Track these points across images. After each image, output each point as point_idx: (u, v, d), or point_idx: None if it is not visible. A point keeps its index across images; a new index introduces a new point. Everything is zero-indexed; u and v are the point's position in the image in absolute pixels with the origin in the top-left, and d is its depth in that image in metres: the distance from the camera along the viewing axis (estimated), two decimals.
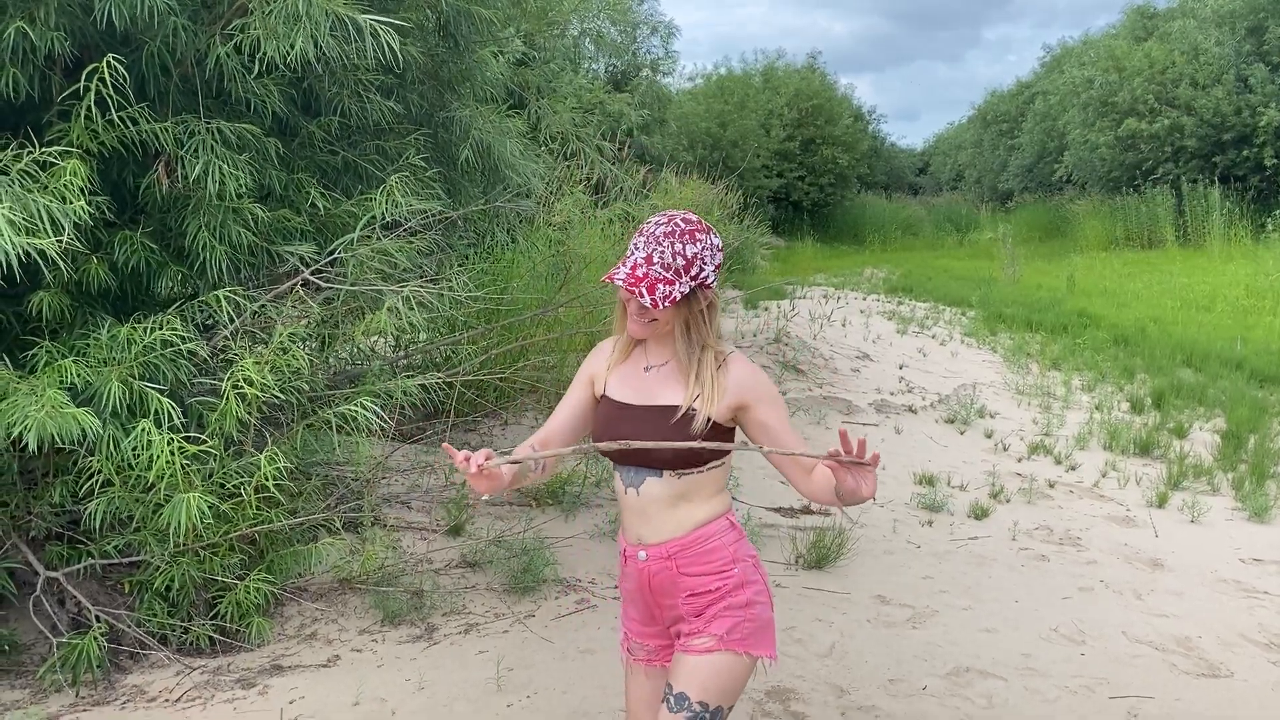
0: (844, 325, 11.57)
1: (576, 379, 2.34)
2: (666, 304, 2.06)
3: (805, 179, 28.16)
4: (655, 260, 2.08)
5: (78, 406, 3.33)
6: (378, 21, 3.69)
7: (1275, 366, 9.75)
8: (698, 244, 2.11)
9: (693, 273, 2.10)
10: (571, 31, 15.91)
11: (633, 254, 2.11)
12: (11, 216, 2.95)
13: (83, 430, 3.30)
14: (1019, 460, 6.85)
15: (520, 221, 5.90)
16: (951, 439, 7.30)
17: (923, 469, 6.35)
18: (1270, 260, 16.52)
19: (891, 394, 8.45)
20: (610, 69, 17.79)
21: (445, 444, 2.10)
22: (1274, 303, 13.63)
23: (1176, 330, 12.14)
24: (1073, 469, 6.66)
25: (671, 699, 2.12)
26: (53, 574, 4.04)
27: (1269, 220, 19.03)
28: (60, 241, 3.15)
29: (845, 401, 7.87)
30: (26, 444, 3.62)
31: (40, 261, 3.15)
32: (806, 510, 5.46)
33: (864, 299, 14.77)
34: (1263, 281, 15.05)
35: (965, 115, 42.03)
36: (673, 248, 2.09)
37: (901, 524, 5.40)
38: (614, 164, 7.22)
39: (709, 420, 2.10)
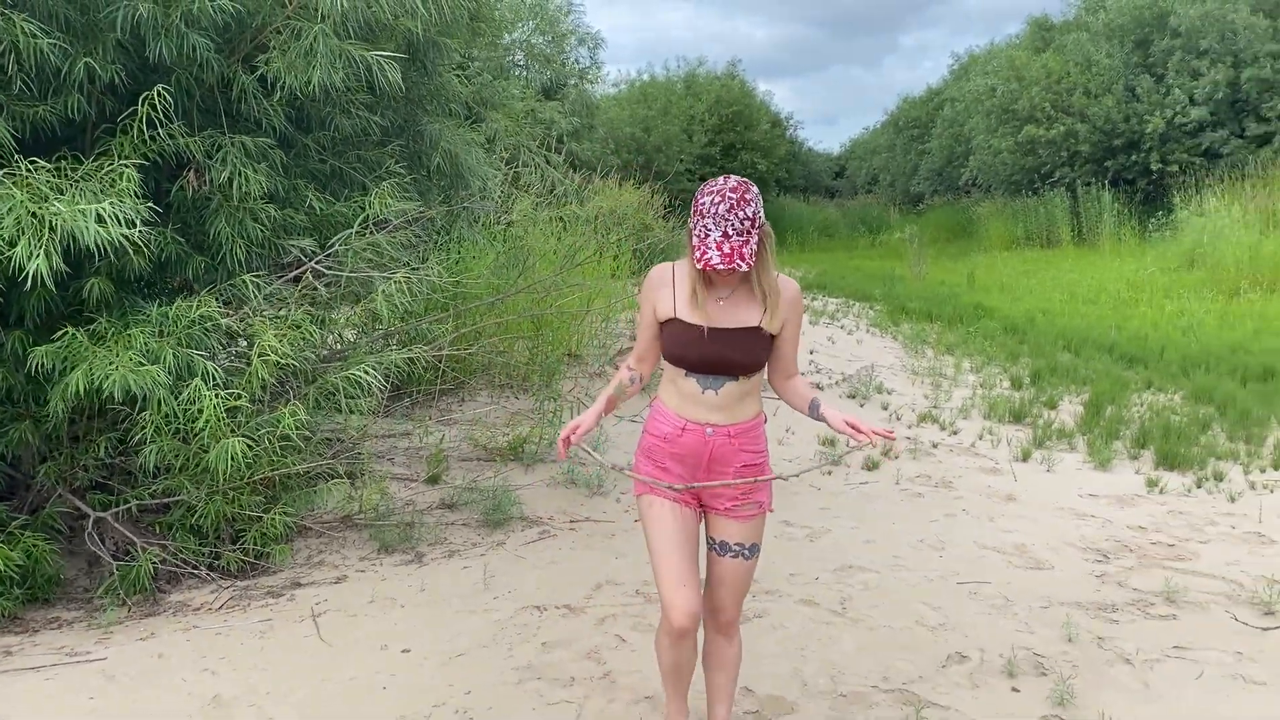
0: None
1: (643, 309, 2.89)
2: (753, 261, 2.62)
3: None
4: (731, 233, 2.56)
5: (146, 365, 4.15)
6: (382, 57, 4.56)
7: (1141, 349, 10.99)
8: (750, 203, 2.60)
9: (759, 220, 2.62)
10: (502, 43, 16.76)
11: (708, 236, 2.59)
12: (115, 212, 3.76)
13: (152, 384, 4.11)
14: (909, 427, 7.92)
15: (475, 221, 6.78)
16: (853, 411, 8.35)
17: (825, 433, 7.38)
18: (1150, 257, 18.03)
19: (802, 374, 9.49)
20: (540, 77, 18.64)
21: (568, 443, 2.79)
22: (1150, 295, 15.00)
23: (1062, 320, 13.40)
24: (954, 434, 7.75)
25: (746, 550, 2.87)
26: (101, 514, 4.84)
27: (1153, 221, 20.58)
28: (135, 233, 3.97)
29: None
30: (83, 402, 4.45)
31: (127, 247, 3.96)
32: None
33: None
34: (1142, 276, 16.48)
35: (880, 120, 43.67)
36: (740, 216, 2.58)
37: (806, 474, 6.41)
38: (557, 170, 8.13)
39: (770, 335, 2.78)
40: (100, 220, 3.77)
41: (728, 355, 2.72)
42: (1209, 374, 9.59)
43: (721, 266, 2.57)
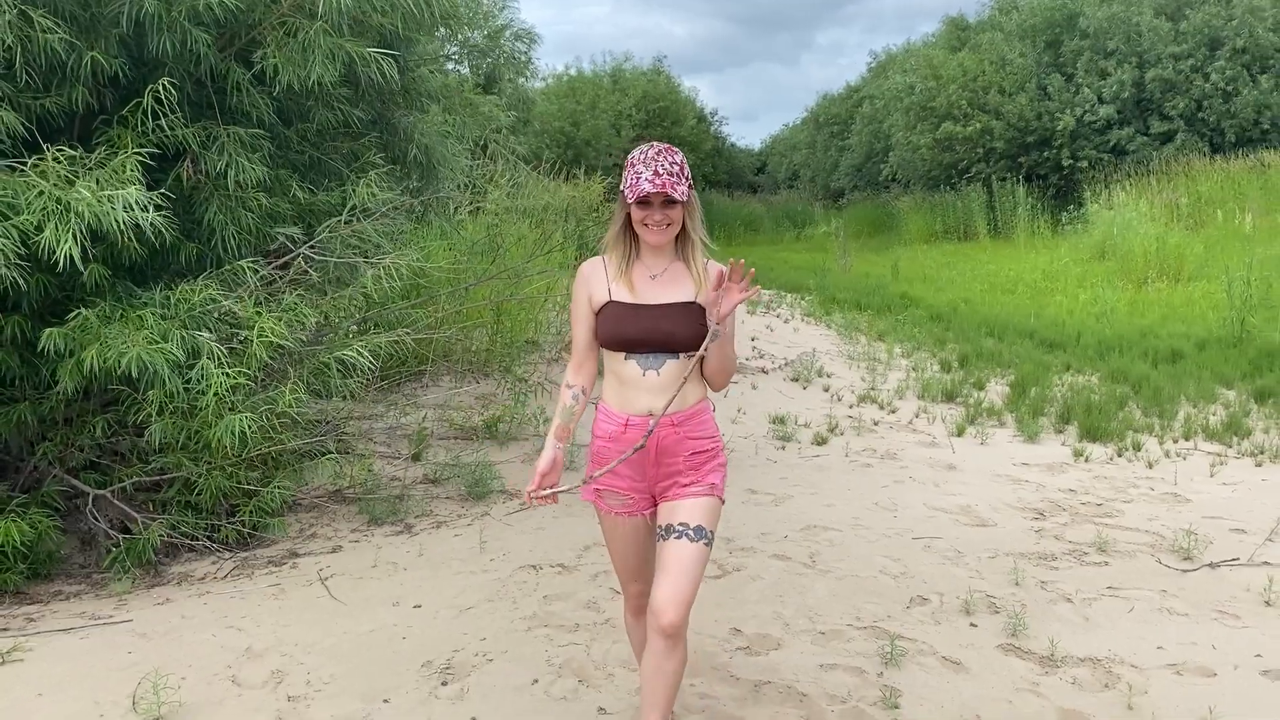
0: None
1: (577, 306, 2.81)
2: (689, 194, 2.67)
3: None
4: (662, 171, 2.60)
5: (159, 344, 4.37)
6: (379, 53, 4.82)
7: (1058, 335, 11.65)
8: (678, 155, 2.67)
9: (686, 174, 2.67)
10: (438, 34, 16.87)
11: (641, 175, 2.62)
12: (143, 200, 3.99)
13: (164, 362, 4.33)
14: (850, 407, 8.38)
15: (446, 210, 7.03)
16: (796, 392, 8.80)
17: (775, 412, 7.80)
18: (1064, 249, 18.88)
19: (747, 359, 9.92)
20: (475, 71, 18.77)
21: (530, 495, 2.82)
22: (1064, 285, 15.76)
23: (983, 309, 14.07)
24: (893, 412, 8.23)
25: (691, 531, 2.69)
26: (101, 492, 5.02)
27: (1065, 214, 21.50)
28: (156, 218, 4.19)
29: None
30: (82, 383, 4.64)
31: (148, 233, 4.17)
32: None
33: None
34: (1057, 267, 17.28)
35: (800, 117, 44.45)
36: (668, 159, 2.63)
37: (761, 449, 6.83)
38: (522, 162, 8.42)
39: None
40: (128, 208, 3.99)
41: (666, 328, 2.68)
42: (1122, 357, 10.25)
43: (652, 189, 2.58)
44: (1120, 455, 6.80)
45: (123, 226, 4.01)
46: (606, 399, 2.82)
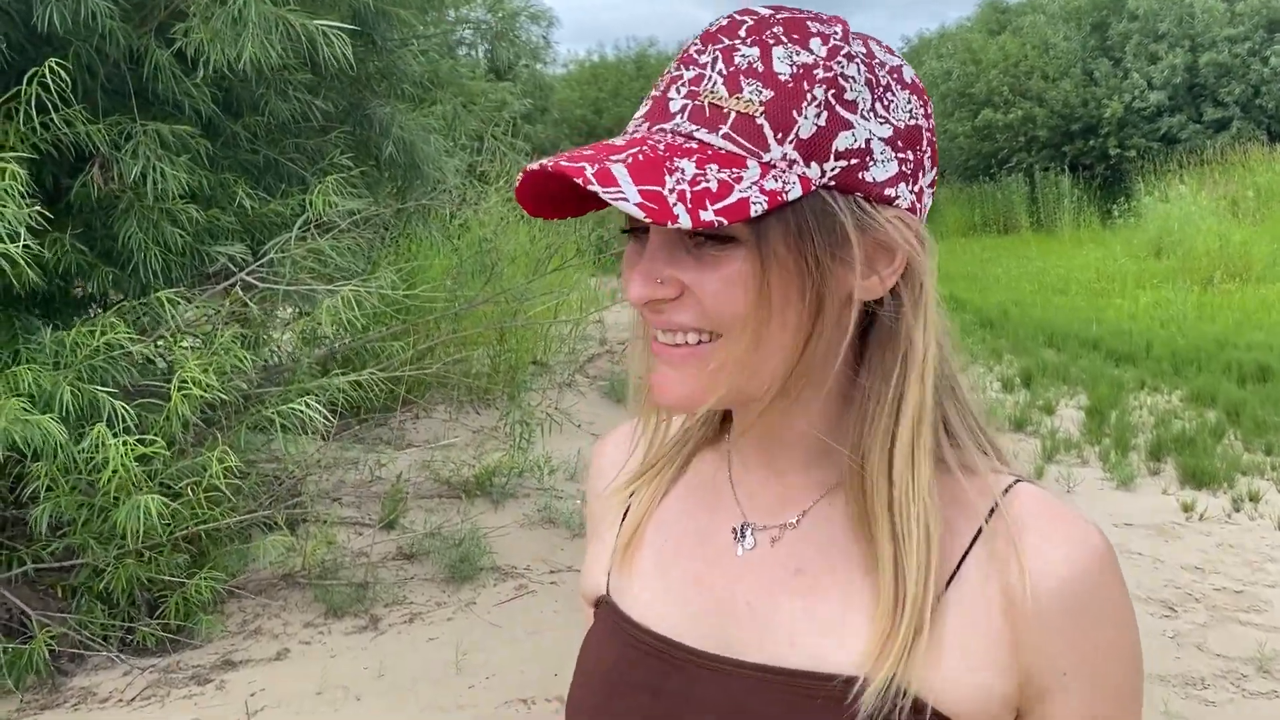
0: None
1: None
2: (691, 211, 0.66)
3: None
4: (673, 112, 0.74)
5: (35, 412, 3.34)
6: (329, 27, 3.76)
7: (1128, 345, 10.48)
8: (811, 49, 0.73)
9: (803, 130, 0.70)
10: (448, 19, 15.82)
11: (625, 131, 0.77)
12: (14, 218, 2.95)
13: (44, 438, 3.30)
14: None
15: (432, 218, 5.98)
16: None
17: None
18: (1117, 245, 17.63)
19: None
20: (488, 56, 17.73)
21: None
22: (1122, 285, 14.59)
23: (1036, 312, 12.93)
24: None
25: None
26: None
27: (1114, 207, 20.26)
28: (17, 249, 3.16)
29: None
30: None
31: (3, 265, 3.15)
32: None
33: None
34: (1111, 266, 16.05)
35: None
36: (732, 63, 0.72)
37: None
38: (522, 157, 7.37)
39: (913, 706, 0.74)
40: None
41: None
42: (1203, 373, 9.11)
43: (569, 166, 0.67)
44: (1237, 510, 5.68)
45: None
46: None
